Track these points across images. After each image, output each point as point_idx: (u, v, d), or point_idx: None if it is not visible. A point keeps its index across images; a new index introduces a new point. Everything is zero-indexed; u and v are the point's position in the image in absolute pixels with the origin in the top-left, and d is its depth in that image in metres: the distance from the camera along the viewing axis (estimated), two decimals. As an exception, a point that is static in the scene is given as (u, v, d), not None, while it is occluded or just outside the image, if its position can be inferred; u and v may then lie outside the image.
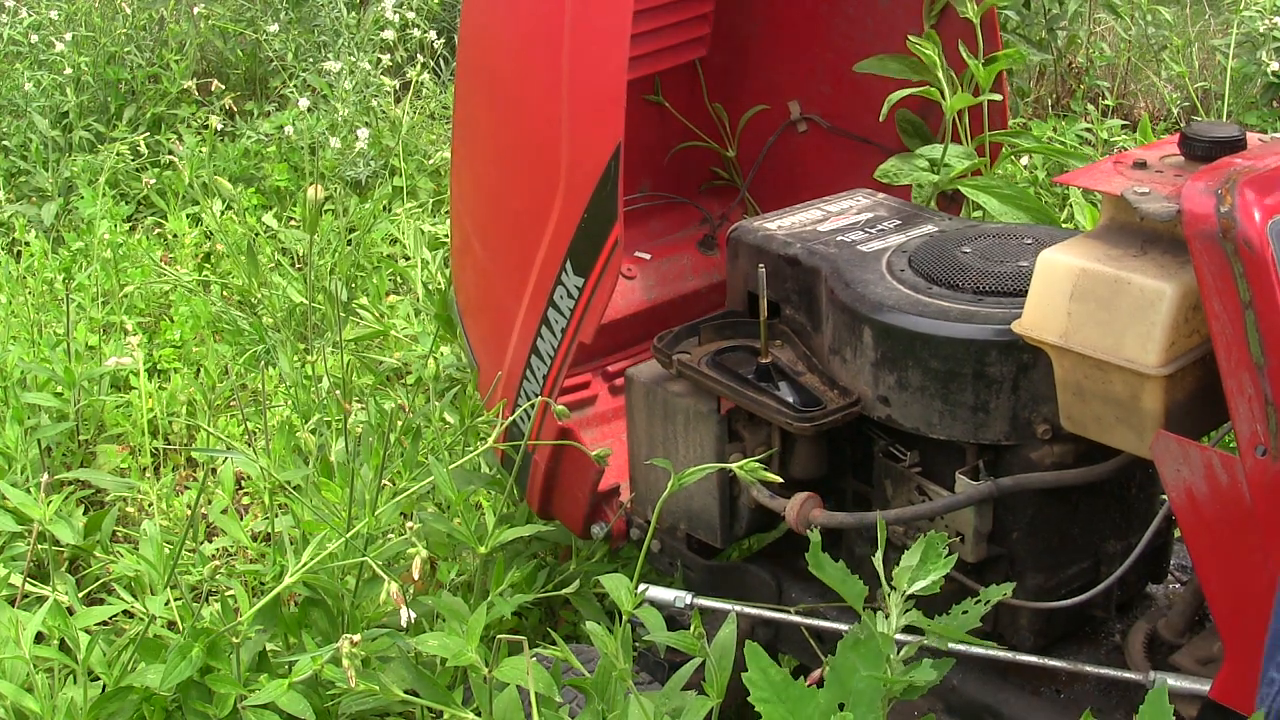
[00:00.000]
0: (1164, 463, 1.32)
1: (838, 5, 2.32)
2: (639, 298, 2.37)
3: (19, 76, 4.56)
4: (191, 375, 3.11)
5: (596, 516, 2.05)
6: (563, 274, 1.80)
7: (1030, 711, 1.61)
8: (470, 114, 2.06)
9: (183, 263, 3.68)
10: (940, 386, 1.52)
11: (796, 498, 1.63)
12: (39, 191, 4.23)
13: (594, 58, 1.71)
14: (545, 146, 1.79)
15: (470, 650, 1.51)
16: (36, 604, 1.80)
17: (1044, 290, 1.38)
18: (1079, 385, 1.38)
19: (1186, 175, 1.30)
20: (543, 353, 1.89)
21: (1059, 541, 1.59)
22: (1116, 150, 3.56)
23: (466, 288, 2.21)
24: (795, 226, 1.79)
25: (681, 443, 1.77)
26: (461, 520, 1.82)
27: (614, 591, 1.53)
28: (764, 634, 1.83)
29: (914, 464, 1.62)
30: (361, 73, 4.52)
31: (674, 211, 2.58)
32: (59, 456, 2.74)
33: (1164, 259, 1.33)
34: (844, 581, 1.25)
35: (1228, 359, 1.22)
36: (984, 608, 1.29)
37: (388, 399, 2.79)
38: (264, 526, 2.38)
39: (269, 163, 4.27)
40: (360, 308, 3.15)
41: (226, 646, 1.66)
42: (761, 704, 1.22)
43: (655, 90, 2.51)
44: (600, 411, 2.28)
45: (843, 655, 1.25)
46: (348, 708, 1.66)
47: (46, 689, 1.67)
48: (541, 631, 2.18)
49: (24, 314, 3.25)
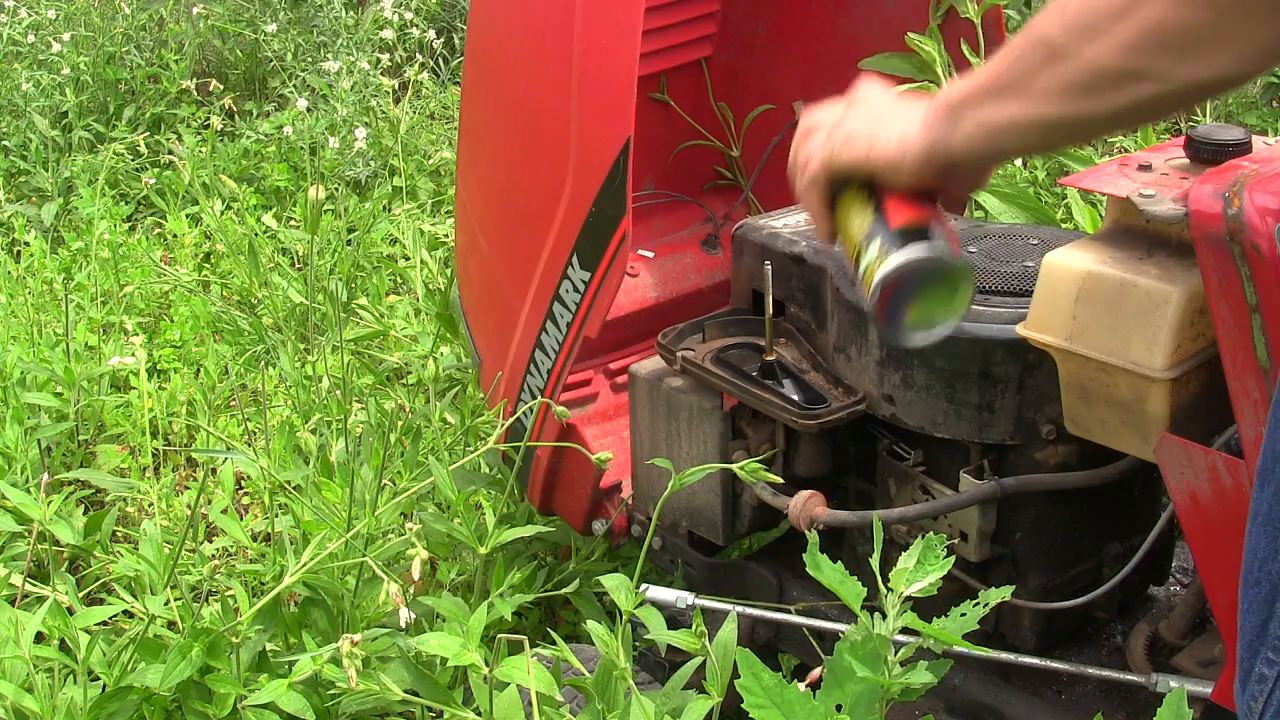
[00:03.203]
0: (1168, 465, 1.31)
1: (843, 5, 2.31)
2: (642, 295, 2.37)
3: (18, 76, 4.55)
4: (191, 375, 3.10)
5: (598, 513, 2.05)
6: (569, 269, 1.80)
7: (1032, 712, 1.61)
8: (478, 108, 2.06)
9: (183, 263, 3.68)
10: (945, 385, 1.51)
11: (800, 496, 1.63)
12: (39, 191, 4.23)
13: (605, 51, 1.71)
14: (554, 140, 1.78)
15: (470, 650, 1.51)
16: (36, 604, 1.79)
17: (1049, 293, 1.37)
18: (1084, 388, 1.38)
19: (1192, 178, 1.30)
20: (547, 348, 1.89)
21: (1062, 542, 1.59)
22: (1116, 151, 3.56)
23: (471, 283, 2.21)
24: (801, 224, 1.79)
25: (684, 439, 1.77)
26: (462, 520, 1.81)
27: (614, 591, 1.52)
28: (765, 633, 1.83)
29: (918, 463, 1.62)
30: (360, 73, 4.52)
31: (678, 210, 2.58)
32: (59, 456, 2.74)
33: (1170, 262, 1.33)
34: (842, 582, 1.25)
35: (1233, 362, 1.21)
36: (983, 610, 1.28)
37: (388, 399, 2.78)
38: (264, 526, 2.38)
39: (269, 163, 4.27)
40: (360, 308, 3.15)
41: (226, 646, 1.66)
42: (756, 710, 1.21)
43: (661, 89, 2.51)
44: (602, 408, 2.28)
45: (840, 657, 1.24)
46: (348, 708, 1.66)
47: (46, 689, 1.67)
48: (541, 631, 2.18)
49: (24, 314, 3.25)
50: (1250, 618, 1.01)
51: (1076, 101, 1.00)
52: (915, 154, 1.14)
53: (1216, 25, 0.91)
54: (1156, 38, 0.93)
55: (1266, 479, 0.99)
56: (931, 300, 1.18)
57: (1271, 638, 0.99)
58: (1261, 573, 0.99)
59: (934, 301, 1.18)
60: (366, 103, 4.46)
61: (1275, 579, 0.98)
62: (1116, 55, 0.95)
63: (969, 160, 1.11)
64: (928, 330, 1.20)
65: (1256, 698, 1.01)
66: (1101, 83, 0.98)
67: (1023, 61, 1.02)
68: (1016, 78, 1.03)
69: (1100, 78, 0.97)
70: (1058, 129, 1.04)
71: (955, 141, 1.10)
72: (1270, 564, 0.98)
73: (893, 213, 1.18)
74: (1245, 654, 1.02)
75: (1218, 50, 0.93)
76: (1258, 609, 1.00)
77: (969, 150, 1.10)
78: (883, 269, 1.15)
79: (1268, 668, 0.99)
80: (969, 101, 1.08)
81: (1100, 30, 0.95)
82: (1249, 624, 1.01)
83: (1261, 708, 1.00)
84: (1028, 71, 1.02)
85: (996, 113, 1.06)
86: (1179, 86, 0.95)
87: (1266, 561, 0.98)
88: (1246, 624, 1.02)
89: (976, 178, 1.20)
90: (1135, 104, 0.98)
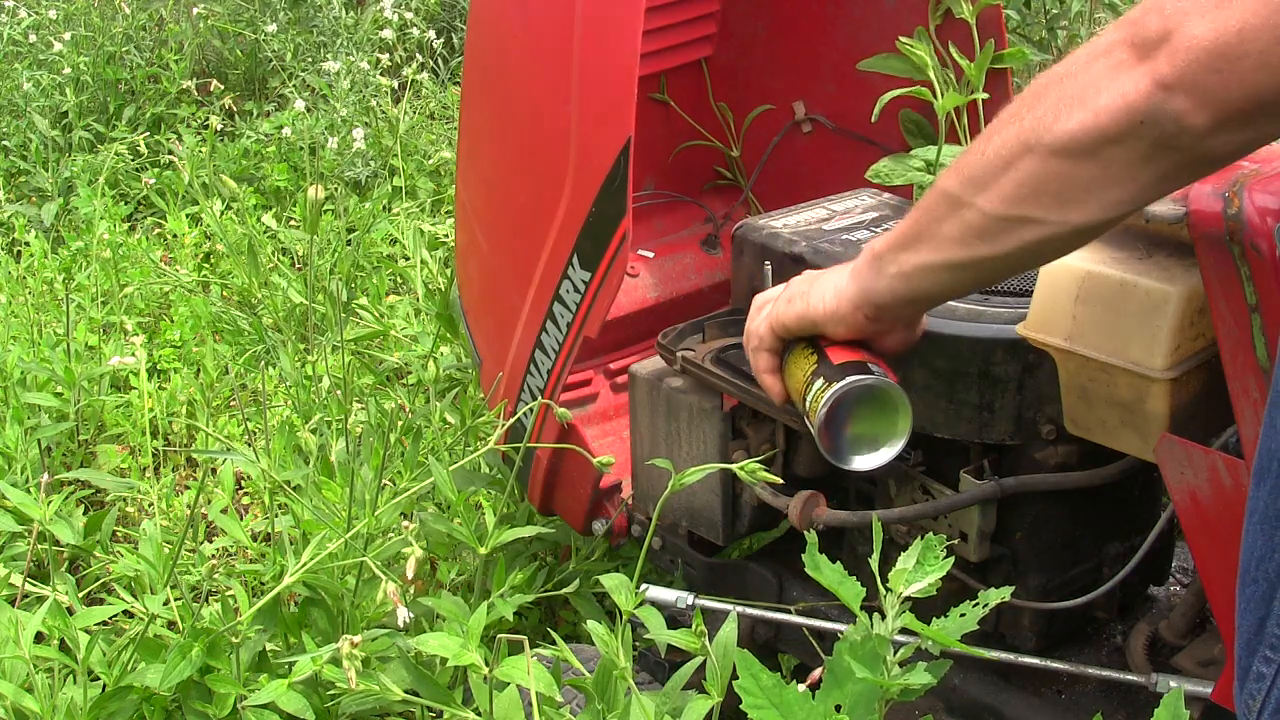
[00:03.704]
0: (1168, 465, 1.31)
1: (843, 6, 2.31)
2: (642, 295, 2.37)
3: (18, 76, 4.55)
4: (191, 375, 3.10)
5: (598, 513, 2.05)
6: (569, 269, 1.80)
7: (1031, 712, 1.61)
8: (478, 108, 2.06)
9: (183, 263, 3.68)
10: (945, 385, 1.51)
11: (799, 496, 1.63)
12: (39, 191, 4.22)
13: (605, 52, 1.71)
14: (554, 140, 1.78)
15: (470, 650, 1.51)
16: (36, 604, 1.79)
17: (1049, 293, 1.37)
18: (1084, 388, 1.38)
19: (1192, 177, 1.30)
20: (547, 348, 1.89)
21: (1062, 542, 1.59)
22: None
23: (471, 283, 2.21)
24: (800, 225, 1.79)
25: (684, 439, 1.77)
26: (462, 520, 1.81)
27: (614, 591, 1.52)
28: (764, 633, 1.83)
29: (918, 463, 1.62)
30: (360, 73, 4.52)
31: (678, 210, 2.58)
32: (59, 456, 2.74)
33: (1169, 262, 1.32)
34: (841, 583, 1.25)
35: (1233, 362, 1.21)
36: (982, 610, 1.28)
37: (388, 399, 2.78)
38: (264, 526, 2.38)
39: (269, 163, 4.27)
40: (360, 308, 3.15)
41: (226, 646, 1.66)
42: (755, 710, 1.21)
43: (661, 89, 2.51)
44: (602, 409, 2.28)
45: (839, 657, 1.24)
46: (348, 708, 1.66)
47: (46, 689, 1.67)
48: (541, 631, 2.18)
49: (24, 314, 3.25)
50: (1248, 616, 1.01)
51: (974, 246, 1.12)
52: (849, 300, 1.27)
53: (1101, 176, 1.01)
54: (1036, 187, 1.05)
55: (1263, 478, 0.99)
56: (872, 421, 1.29)
57: (1269, 635, 0.99)
58: (1259, 571, 0.99)
59: (875, 422, 1.29)
60: (366, 103, 4.46)
61: (1272, 577, 0.98)
62: (1002, 204, 1.07)
63: (894, 304, 1.24)
64: (872, 452, 1.31)
65: (1255, 695, 1.01)
66: (994, 228, 1.10)
67: (930, 214, 1.16)
68: (925, 227, 1.17)
69: (991, 223, 1.09)
70: (961, 271, 1.16)
71: (880, 287, 1.24)
72: (1267, 562, 0.98)
73: (834, 355, 1.30)
74: (1243, 652, 1.02)
75: (1100, 196, 1.03)
76: (1255, 607, 1.00)
77: (892, 293, 1.23)
78: (826, 396, 1.27)
79: (1265, 665, 0.99)
80: (889, 250, 1.22)
81: (988, 182, 1.08)
82: (1246, 622, 1.01)
83: (1260, 705, 1.01)
84: (933, 221, 1.15)
85: (910, 259, 1.20)
86: (1065, 230, 1.06)
87: (1264, 560, 0.99)
88: (1244, 622, 1.02)
89: (908, 327, 1.33)
90: (1025, 247, 1.10)
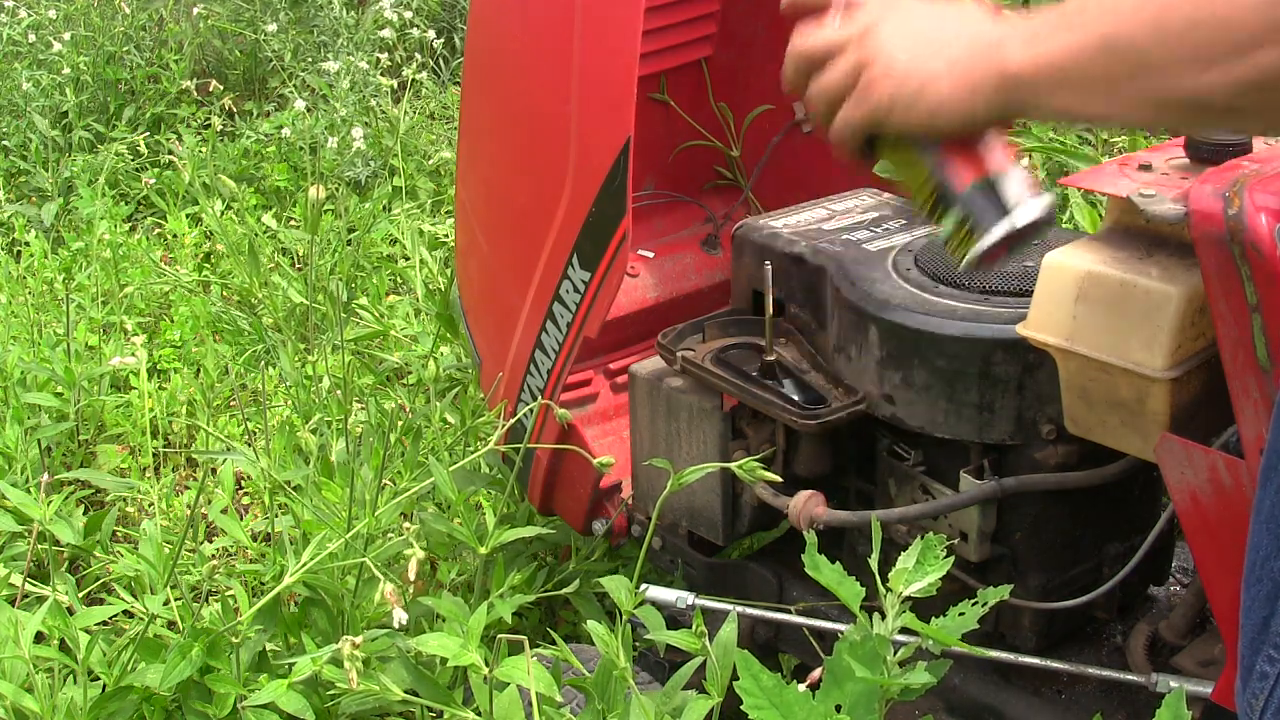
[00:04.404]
0: (1168, 465, 1.31)
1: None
2: (641, 295, 2.37)
3: (18, 76, 4.55)
4: (191, 375, 3.10)
5: (598, 513, 2.05)
6: (569, 269, 1.80)
7: (1031, 712, 1.61)
8: (478, 108, 2.05)
9: (183, 263, 3.68)
10: (946, 385, 1.51)
11: (800, 496, 1.62)
12: (39, 191, 4.23)
13: (605, 52, 1.71)
14: (554, 140, 1.78)
15: (470, 650, 1.51)
16: (36, 604, 1.79)
17: (1049, 293, 1.37)
18: (1084, 388, 1.38)
19: (1193, 178, 1.30)
20: (547, 348, 1.89)
21: (1062, 542, 1.59)
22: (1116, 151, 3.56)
23: (471, 283, 2.21)
24: (801, 225, 1.79)
25: (684, 439, 1.77)
26: (462, 520, 1.81)
27: (614, 591, 1.52)
28: (765, 633, 1.83)
29: (918, 463, 1.62)
30: (360, 73, 4.52)
31: (677, 210, 2.58)
32: (59, 456, 2.74)
33: (1170, 262, 1.32)
34: (841, 582, 1.25)
35: (1233, 362, 1.21)
36: (982, 609, 1.28)
37: (388, 399, 2.78)
38: (264, 526, 2.38)
39: (269, 163, 4.27)
40: (360, 308, 3.15)
41: (226, 646, 1.66)
42: (755, 710, 1.21)
43: (661, 89, 2.50)
44: (601, 409, 2.28)
45: (839, 657, 1.24)
46: (348, 708, 1.66)
47: (46, 689, 1.67)
48: (541, 631, 2.17)
49: (24, 314, 3.25)
50: (1251, 616, 1.01)
51: (1170, 116, 0.95)
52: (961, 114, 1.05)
53: None
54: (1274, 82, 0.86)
55: (1270, 477, 0.99)
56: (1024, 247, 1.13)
57: (1273, 635, 0.99)
58: (1264, 570, 0.99)
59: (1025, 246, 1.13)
60: (366, 103, 4.46)
61: (1277, 577, 0.98)
62: (1227, 92, 0.88)
63: None
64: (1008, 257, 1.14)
65: (1257, 695, 1.01)
66: (1203, 112, 0.92)
67: (1097, 64, 0.94)
68: (1095, 80, 0.94)
69: (1202, 107, 0.91)
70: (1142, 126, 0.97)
71: (1009, 113, 1.02)
72: (1272, 562, 0.98)
73: (960, 168, 1.07)
74: (1246, 652, 1.02)
75: None
76: (1259, 607, 1.00)
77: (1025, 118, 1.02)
78: (976, 248, 1.09)
79: (1269, 665, 0.99)
80: (1037, 85, 0.99)
81: (1213, 62, 0.88)
82: (1250, 622, 1.01)
83: (1262, 706, 1.00)
84: (1108, 77, 0.93)
85: (1069, 103, 0.97)
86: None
87: (1269, 559, 0.99)
88: (1248, 622, 1.02)
89: None
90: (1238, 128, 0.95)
